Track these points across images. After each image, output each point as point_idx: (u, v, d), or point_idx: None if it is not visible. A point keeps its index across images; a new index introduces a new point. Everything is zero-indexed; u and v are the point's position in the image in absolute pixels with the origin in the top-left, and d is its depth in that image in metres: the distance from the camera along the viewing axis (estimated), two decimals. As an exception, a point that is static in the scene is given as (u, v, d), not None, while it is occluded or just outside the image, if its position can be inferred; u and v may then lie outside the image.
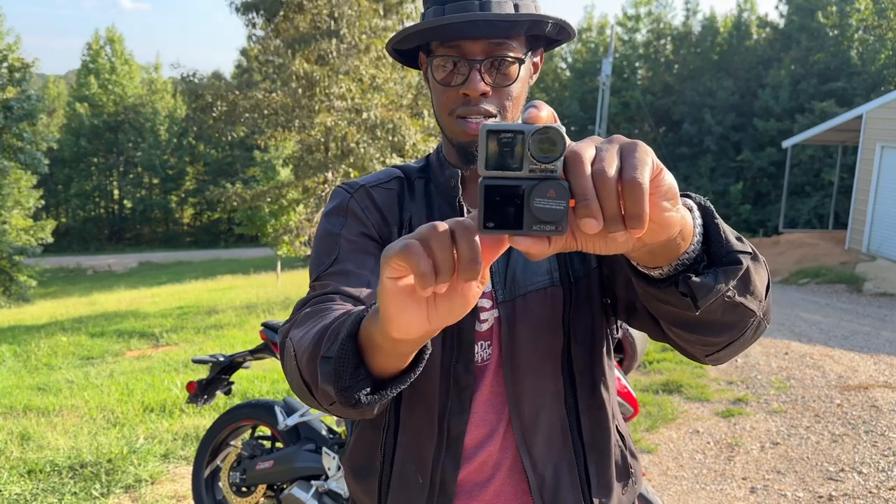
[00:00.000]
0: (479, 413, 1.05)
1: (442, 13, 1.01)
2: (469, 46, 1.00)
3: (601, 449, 1.08)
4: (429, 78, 1.08)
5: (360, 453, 1.13)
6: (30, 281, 21.36)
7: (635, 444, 4.36)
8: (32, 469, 3.76)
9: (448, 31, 0.98)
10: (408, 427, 1.07)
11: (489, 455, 1.05)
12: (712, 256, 0.74)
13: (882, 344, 7.17)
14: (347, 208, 1.11)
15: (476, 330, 1.05)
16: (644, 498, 2.42)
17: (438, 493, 1.05)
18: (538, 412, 1.05)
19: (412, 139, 10.17)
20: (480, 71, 1.00)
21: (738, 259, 0.74)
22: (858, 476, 3.84)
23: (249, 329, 8.50)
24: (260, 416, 2.95)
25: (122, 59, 43.48)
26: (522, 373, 1.04)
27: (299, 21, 10.33)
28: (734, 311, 0.78)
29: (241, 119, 10.43)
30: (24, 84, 22.01)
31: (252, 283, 17.13)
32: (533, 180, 0.54)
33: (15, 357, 7.93)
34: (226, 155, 43.31)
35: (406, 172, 1.17)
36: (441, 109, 1.06)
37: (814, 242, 15.31)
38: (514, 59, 1.01)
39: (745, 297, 0.78)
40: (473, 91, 1.00)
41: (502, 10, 1.00)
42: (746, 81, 32.91)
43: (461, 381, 1.04)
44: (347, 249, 1.05)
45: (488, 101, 1.02)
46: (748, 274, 0.77)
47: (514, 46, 1.01)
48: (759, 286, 0.79)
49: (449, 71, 1.02)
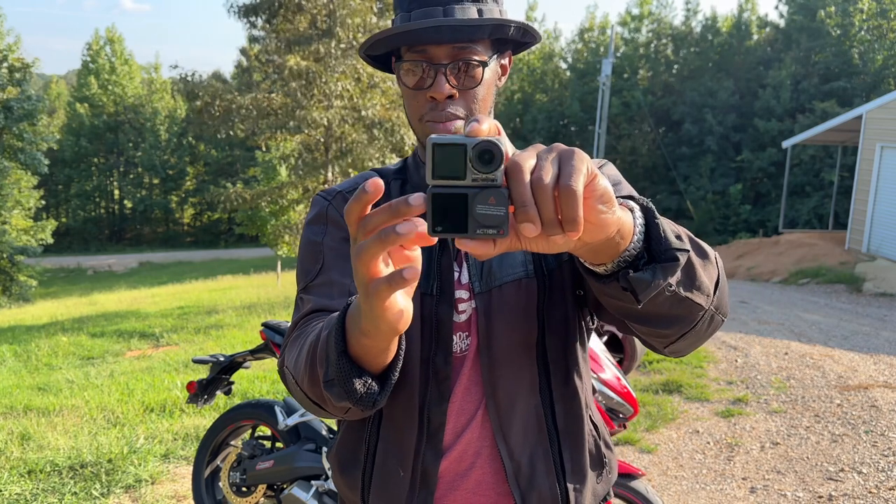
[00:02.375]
0: (458, 403, 1.08)
1: (408, 19, 1.04)
2: (434, 51, 1.03)
3: (575, 437, 1.11)
4: (400, 83, 1.10)
5: (345, 448, 1.15)
6: (30, 281, 21.37)
7: (635, 443, 4.36)
8: (33, 469, 3.76)
9: (413, 37, 1.01)
10: (390, 420, 1.09)
11: (468, 444, 1.07)
12: (652, 253, 0.78)
13: (882, 344, 7.17)
14: (327, 216, 1.15)
15: (454, 321, 1.07)
16: (644, 498, 2.43)
17: (420, 485, 1.07)
18: (514, 401, 1.07)
19: (411, 139, 10.17)
20: (446, 74, 1.03)
21: (676, 256, 0.78)
22: (858, 476, 3.84)
23: (249, 329, 8.51)
24: (260, 416, 2.96)
25: (121, 60, 43.51)
26: (499, 362, 1.07)
27: (299, 21, 10.34)
28: (681, 304, 0.83)
29: (238, 118, 10.42)
30: (25, 84, 22.02)
31: (252, 283, 17.15)
32: (475, 188, 0.60)
33: (15, 357, 7.93)
34: (226, 155, 43.33)
35: (382, 175, 1.20)
36: (412, 114, 1.09)
37: (813, 242, 15.31)
38: (479, 62, 1.04)
39: (690, 292, 0.83)
40: (439, 94, 1.03)
41: (465, 16, 1.02)
42: (747, 81, 32.90)
43: (440, 373, 1.06)
44: (331, 257, 1.10)
45: (455, 105, 1.05)
46: (693, 270, 0.83)
47: (478, 50, 1.04)
48: (706, 282, 0.85)
49: (416, 75, 1.05)
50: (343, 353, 0.81)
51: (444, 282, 1.07)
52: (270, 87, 11.07)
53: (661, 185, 33.57)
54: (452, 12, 1.01)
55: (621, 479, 2.44)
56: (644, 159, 33.51)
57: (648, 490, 2.45)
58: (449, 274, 1.07)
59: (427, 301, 1.06)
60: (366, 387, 0.83)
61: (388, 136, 10.27)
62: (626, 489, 2.43)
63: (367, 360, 0.82)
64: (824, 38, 30.78)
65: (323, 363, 0.85)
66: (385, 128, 10.19)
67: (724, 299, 0.91)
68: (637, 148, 33.47)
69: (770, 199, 30.23)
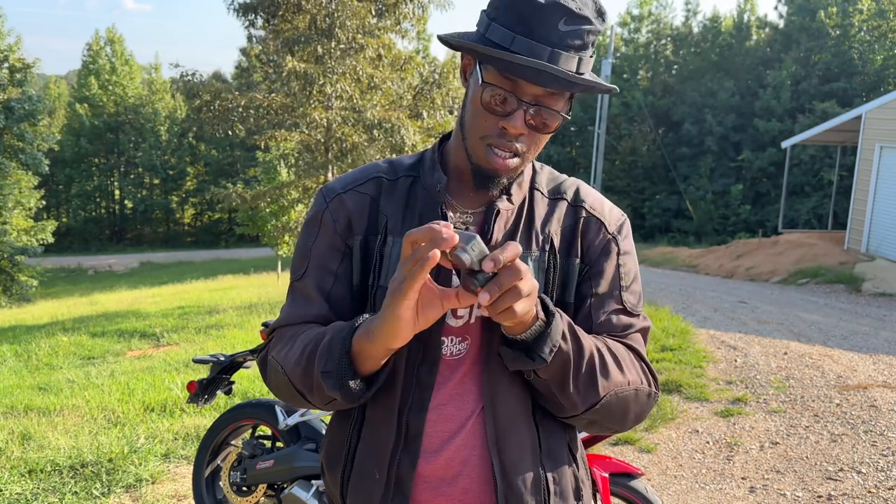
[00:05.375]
0: (448, 409, 1.08)
1: (510, 41, 0.99)
2: (525, 87, 1.01)
3: (559, 460, 1.14)
4: (469, 84, 1.08)
5: (332, 445, 1.17)
6: (31, 281, 21.37)
7: (634, 443, 4.37)
8: (33, 469, 3.77)
9: (513, 69, 0.98)
10: (371, 422, 1.10)
11: (457, 451, 1.08)
12: (530, 347, 1.00)
13: (881, 344, 7.18)
14: (321, 221, 1.16)
15: (448, 325, 1.08)
16: (643, 497, 2.43)
17: (394, 489, 1.07)
18: (514, 419, 1.09)
19: (411, 140, 10.16)
20: (526, 112, 1.02)
21: (535, 357, 0.99)
22: (857, 476, 3.85)
23: (250, 329, 8.51)
24: (260, 415, 2.96)
25: (122, 60, 43.52)
26: (497, 372, 1.08)
27: (298, 21, 10.33)
28: (552, 396, 1.06)
29: (237, 117, 10.42)
30: (25, 85, 22.02)
31: (252, 283, 17.15)
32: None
33: (16, 357, 7.94)
34: (226, 155, 43.34)
35: (395, 167, 1.19)
36: (473, 130, 1.07)
37: (813, 242, 15.32)
38: (559, 113, 1.04)
39: (559, 392, 1.04)
40: (514, 129, 1.02)
41: (568, 66, 1.00)
42: (747, 82, 32.90)
43: (423, 381, 1.08)
44: (313, 266, 1.15)
45: (520, 141, 1.05)
46: (565, 381, 1.03)
47: (562, 101, 1.04)
48: (574, 397, 1.03)
49: (496, 100, 1.02)
50: (346, 353, 0.99)
51: None
52: (270, 88, 11.07)
53: (661, 186, 33.58)
54: (557, 60, 0.99)
55: (621, 478, 2.44)
56: (644, 159, 33.51)
57: (648, 489, 2.46)
58: (445, 283, 1.07)
59: None
60: (356, 384, 1.00)
61: (388, 136, 10.26)
62: (626, 488, 2.44)
63: (361, 361, 1.00)
64: (824, 39, 30.78)
65: (323, 357, 1.02)
66: (385, 128, 10.17)
67: (612, 416, 1.08)
68: (637, 148, 33.47)
69: (770, 199, 30.22)
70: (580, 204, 1.17)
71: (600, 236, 1.15)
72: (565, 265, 1.13)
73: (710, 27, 35.57)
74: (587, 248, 1.14)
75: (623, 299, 1.14)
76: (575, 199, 1.17)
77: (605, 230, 1.16)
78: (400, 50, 11.29)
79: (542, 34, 0.98)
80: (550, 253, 1.12)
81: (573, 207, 1.16)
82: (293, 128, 10.72)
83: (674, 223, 32.16)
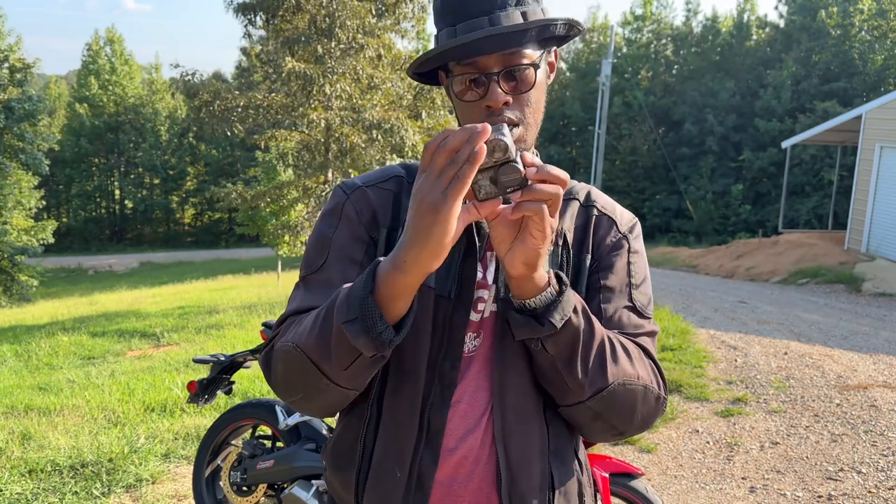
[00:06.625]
0: (464, 405, 1.07)
1: (454, 34, 1.03)
2: (485, 61, 1.02)
3: (566, 459, 1.13)
4: (451, 96, 1.10)
5: (341, 446, 1.15)
6: (31, 281, 21.38)
7: (635, 443, 4.37)
8: (33, 469, 3.77)
9: (463, 51, 1.01)
10: (389, 420, 1.08)
11: (469, 450, 1.07)
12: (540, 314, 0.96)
13: (881, 344, 7.18)
14: (342, 212, 1.15)
15: (469, 320, 1.07)
16: (643, 497, 2.43)
17: (416, 487, 1.06)
18: (523, 415, 1.08)
19: (411, 140, 10.16)
20: (499, 82, 1.03)
21: (548, 322, 0.95)
22: (858, 476, 3.85)
23: (250, 329, 8.51)
24: (261, 415, 2.96)
25: (122, 60, 43.52)
26: (509, 367, 1.07)
27: (298, 21, 10.33)
28: (557, 376, 1.02)
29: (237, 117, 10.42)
30: (26, 85, 22.02)
31: (253, 283, 17.16)
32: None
33: (16, 357, 7.95)
34: (226, 155, 43.35)
35: (410, 171, 1.19)
36: (466, 123, 1.07)
37: (813, 242, 15.32)
38: (530, 65, 1.04)
39: (566, 371, 1.00)
40: (496, 103, 1.03)
41: (510, 21, 1.01)
42: (747, 82, 32.91)
43: (446, 377, 1.07)
44: (335, 256, 1.11)
45: (511, 109, 1.05)
46: (573, 358, 0.99)
47: (527, 53, 1.03)
48: (580, 377, 1.00)
49: (469, 87, 1.05)
50: (370, 294, 0.90)
51: (464, 287, 1.07)
52: (270, 87, 11.08)
53: (662, 185, 33.59)
54: (498, 20, 1.01)
55: (621, 478, 2.44)
56: (644, 159, 33.51)
57: (648, 489, 2.46)
58: (470, 278, 1.07)
59: (442, 304, 1.06)
60: (383, 325, 0.90)
61: (388, 136, 10.26)
62: (626, 488, 2.44)
63: (387, 303, 0.90)
64: (824, 39, 30.78)
65: (343, 308, 0.92)
66: (384, 129, 10.17)
67: (618, 410, 1.04)
68: (637, 148, 33.47)
69: (770, 199, 30.23)
70: (592, 204, 1.18)
71: (611, 233, 1.16)
72: (577, 262, 1.13)
73: (710, 27, 35.58)
74: (598, 245, 1.15)
75: (633, 297, 1.13)
76: (587, 200, 1.18)
77: (617, 228, 1.16)
78: (400, 50, 11.30)
79: (477, 10, 1.02)
80: (564, 248, 1.12)
81: (585, 207, 1.17)
82: (293, 127, 10.73)
83: (674, 223, 32.18)
